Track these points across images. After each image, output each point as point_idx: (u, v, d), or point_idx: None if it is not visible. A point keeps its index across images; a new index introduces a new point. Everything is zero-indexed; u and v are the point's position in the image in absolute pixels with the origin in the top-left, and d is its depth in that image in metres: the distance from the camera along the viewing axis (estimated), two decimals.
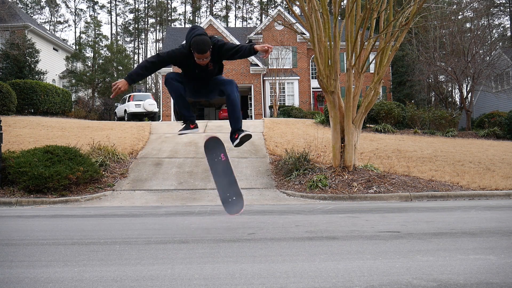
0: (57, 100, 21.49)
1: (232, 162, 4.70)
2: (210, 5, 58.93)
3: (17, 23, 26.64)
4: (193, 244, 3.71)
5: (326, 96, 9.32)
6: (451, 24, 22.60)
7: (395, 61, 29.49)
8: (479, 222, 4.84)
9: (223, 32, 27.96)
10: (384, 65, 9.32)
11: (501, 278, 2.58)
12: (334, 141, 9.26)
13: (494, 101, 27.02)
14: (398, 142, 14.06)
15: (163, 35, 53.20)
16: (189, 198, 8.16)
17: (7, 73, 23.93)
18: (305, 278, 2.61)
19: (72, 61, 31.61)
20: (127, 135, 13.81)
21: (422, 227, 4.50)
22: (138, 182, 9.30)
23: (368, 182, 8.54)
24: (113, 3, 59.12)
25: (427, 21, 20.86)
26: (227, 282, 2.57)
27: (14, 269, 2.89)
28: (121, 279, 2.64)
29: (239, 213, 4.38)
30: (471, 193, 8.14)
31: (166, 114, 27.06)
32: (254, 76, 27.87)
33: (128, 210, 6.64)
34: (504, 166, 10.58)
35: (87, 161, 8.94)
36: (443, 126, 18.12)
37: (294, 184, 8.93)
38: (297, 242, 3.72)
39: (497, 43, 29.63)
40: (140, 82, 47.11)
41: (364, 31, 9.14)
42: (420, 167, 10.14)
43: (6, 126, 13.68)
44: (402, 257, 3.14)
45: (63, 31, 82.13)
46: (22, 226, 4.83)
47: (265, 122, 17.24)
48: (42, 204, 7.58)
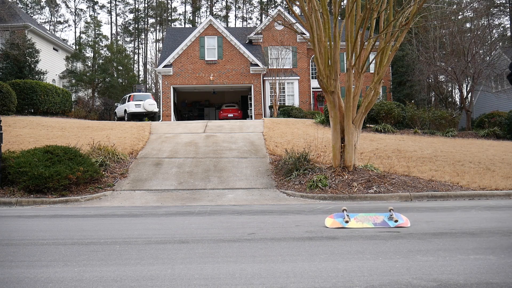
0: (57, 100, 21.49)
1: (232, 162, 4.70)
2: (210, 5, 58.92)
3: (17, 23, 26.62)
4: (193, 244, 3.71)
5: (326, 96, 9.32)
6: (451, 24, 22.59)
7: (395, 61, 29.48)
8: (479, 222, 4.84)
9: (223, 32, 27.95)
10: (384, 65, 9.32)
11: (501, 278, 2.58)
12: (334, 141, 9.26)
13: (494, 101, 27.01)
14: (398, 142, 14.05)
15: (163, 35, 53.18)
16: (189, 198, 8.16)
17: (7, 73, 23.92)
18: (305, 278, 2.61)
19: (72, 61, 31.60)
20: (127, 135, 13.80)
21: (422, 227, 4.50)
22: (138, 182, 9.29)
23: (368, 182, 8.54)
24: (113, 3, 59.12)
25: (427, 21, 20.86)
26: (227, 282, 2.57)
27: (14, 269, 2.89)
28: (121, 279, 2.64)
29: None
30: (471, 193, 8.14)
31: (166, 114, 27.05)
32: (254, 76, 27.85)
33: (128, 210, 6.64)
34: (504, 166, 10.58)
35: (87, 161, 8.94)
36: (443, 126, 18.11)
37: (294, 184, 8.93)
38: (297, 242, 3.72)
39: (497, 43, 29.61)
40: (140, 82, 47.11)
41: (364, 31, 9.14)
42: (420, 167, 10.13)
43: (6, 126, 13.68)
44: (402, 257, 3.14)
45: (63, 31, 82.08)
46: (22, 226, 4.82)
47: (265, 122, 17.24)
48: (42, 204, 7.58)
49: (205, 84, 27.65)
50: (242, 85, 28.20)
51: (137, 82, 41.62)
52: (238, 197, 8.22)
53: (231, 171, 10.09)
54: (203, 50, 27.71)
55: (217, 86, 28.22)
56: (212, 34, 27.87)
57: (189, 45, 27.63)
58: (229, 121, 19.86)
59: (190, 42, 27.64)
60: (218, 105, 32.59)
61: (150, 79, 53.08)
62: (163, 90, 27.64)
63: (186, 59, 27.58)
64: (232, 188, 8.89)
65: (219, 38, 27.87)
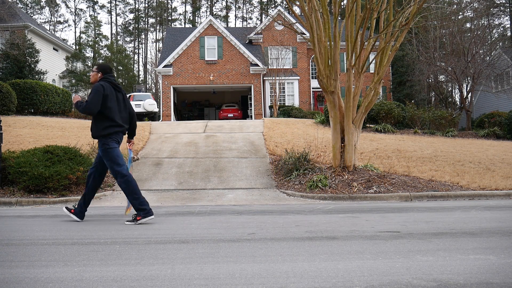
0: (57, 100, 21.48)
1: (232, 162, 4.71)
2: (210, 5, 58.92)
3: (17, 23, 26.63)
4: (193, 244, 3.71)
5: (326, 96, 9.32)
6: (451, 24, 22.59)
7: (395, 61, 29.49)
8: (479, 222, 4.84)
9: (223, 32, 27.95)
10: (384, 65, 9.32)
11: (501, 278, 2.58)
12: (334, 141, 9.26)
13: (494, 101, 27.01)
14: (398, 142, 14.05)
15: (163, 35, 53.17)
16: (189, 198, 8.16)
17: (7, 73, 23.92)
18: (305, 278, 2.61)
19: (72, 61, 31.61)
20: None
21: (422, 227, 4.50)
22: (138, 182, 9.27)
23: (368, 182, 8.54)
24: (113, 3, 59.12)
25: (427, 21, 20.87)
26: (227, 282, 2.57)
27: (14, 269, 2.89)
28: (121, 279, 2.64)
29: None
30: (471, 193, 8.14)
31: (166, 114, 27.06)
32: (254, 76, 27.86)
33: None
34: (504, 166, 10.58)
35: (87, 161, 8.94)
36: (443, 126, 18.12)
37: (294, 184, 8.93)
38: (297, 242, 3.72)
39: (497, 43, 29.61)
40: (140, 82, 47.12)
41: (364, 31, 9.14)
42: (420, 167, 10.14)
43: (6, 126, 13.68)
44: (402, 257, 3.14)
45: (63, 31, 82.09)
46: (22, 226, 4.82)
47: (265, 122, 17.24)
48: (42, 204, 7.58)
49: (205, 84, 27.66)
50: (242, 85, 28.20)
51: (137, 82, 41.63)
52: (238, 197, 8.22)
53: (231, 171, 10.09)
54: (203, 50, 27.71)
55: (217, 86, 28.22)
56: (212, 34, 27.88)
57: (189, 45, 27.63)
58: (229, 121, 19.86)
59: (190, 42, 27.64)
60: (218, 105, 32.60)
61: (150, 79, 53.09)
62: (163, 90, 27.64)
63: (186, 59, 27.58)
64: (232, 188, 8.89)
65: (219, 38, 27.87)
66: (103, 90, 4.89)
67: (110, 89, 4.96)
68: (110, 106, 4.92)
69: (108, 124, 4.95)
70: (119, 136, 5.11)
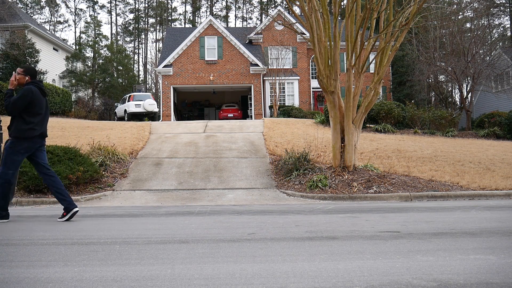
0: (57, 100, 21.49)
1: (232, 162, 4.70)
2: (210, 5, 58.92)
3: (17, 23, 26.62)
4: (193, 244, 3.71)
5: (326, 96, 9.32)
6: (451, 24, 22.59)
7: (395, 61, 29.48)
8: (479, 222, 4.84)
9: (223, 32, 27.95)
10: (384, 65, 9.32)
11: (501, 278, 2.58)
12: (334, 141, 9.26)
13: (494, 101, 27.01)
14: (398, 142, 14.05)
15: (163, 35, 53.16)
16: (189, 198, 8.16)
17: (7, 73, 23.90)
18: (305, 278, 2.61)
19: (72, 61, 31.59)
20: (127, 135, 13.81)
21: (422, 227, 4.50)
22: (138, 182, 9.29)
23: (368, 182, 8.54)
24: (113, 3, 59.10)
25: (427, 21, 20.86)
26: (227, 282, 2.57)
27: (14, 269, 2.89)
28: (121, 279, 2.64)
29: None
30: (471, 193, 8.14)
31: (166, 114, 27.05)
32: (254, 76, 27.85)
33: (128, 210, 6.64)
34: (504, 166, 10.58)
35: (87, 161, 8.94)
36: (443, 126, 18.11)
37: (294, 184, 8.93)
38: (297, 242, 3.72)
39: (497, 43, 29.62)
40: (140, 82, 47.12)
41: (364, 31, 9.14)
42: (420, 167, 10.14)
43: (6, 126, 13.65)
44: (402, 257, 3.14)
45: (63, 31, 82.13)
46: (22, 226, 4.83)
47: (265, 122, 17.24)
48: (42, 204, 7.58)
49: (205, 84, 27.65)
50: (242, 85, 28.19)
51: (137, 82, 41.63)
52: (238, 197, 8.22)
53: (231, 171, 10.09)
54: (203, 50, 27.71)
55: (217, 86, 28.22)
56: (212, 34, 27.87)
57: (189, 45, 27.63)
58: (229, 121, 19.86)
59: (190, 42, 27.64)
60: (218, 105, 32.58)
61: (150, 79, 53.10)
62: (163, 90, 27.64)
63: (186, 59, 27.58)
64: (232, 188, 8.89)
65: (219, 38, 27.87)
66: (32, 95, 5.02)
67: (38, 95, 5.11)
68: (35, 111, 5.07)
69: (27, 127, 5.06)
70: (36, 143, 5.17)
